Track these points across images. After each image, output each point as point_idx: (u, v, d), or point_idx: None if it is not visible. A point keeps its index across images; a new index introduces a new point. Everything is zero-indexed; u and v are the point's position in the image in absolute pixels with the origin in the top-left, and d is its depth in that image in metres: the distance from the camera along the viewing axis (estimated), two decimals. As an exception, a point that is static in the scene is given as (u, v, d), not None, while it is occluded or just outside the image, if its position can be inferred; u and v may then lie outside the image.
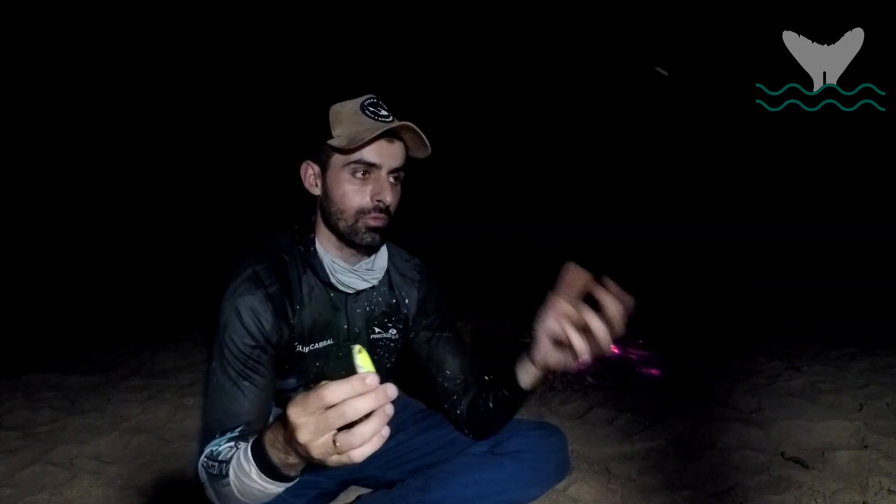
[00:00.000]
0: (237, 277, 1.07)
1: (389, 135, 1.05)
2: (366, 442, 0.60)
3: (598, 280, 0.90)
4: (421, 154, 1.10)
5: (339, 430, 0.62)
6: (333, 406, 0.61)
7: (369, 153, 1.04)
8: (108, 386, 2.20)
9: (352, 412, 0.60)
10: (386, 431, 0.61)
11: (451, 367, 1.24)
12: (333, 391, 0.60)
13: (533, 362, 1.04)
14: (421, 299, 1.26)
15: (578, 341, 0.86)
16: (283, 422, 0.68)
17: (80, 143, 5.31)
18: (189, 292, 3.83)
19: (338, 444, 0.62)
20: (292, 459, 0.73)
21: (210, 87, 5.56)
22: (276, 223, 1.23)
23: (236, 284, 1.06)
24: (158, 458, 1.60)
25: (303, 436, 0.63)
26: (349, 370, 0.65)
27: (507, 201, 5.51)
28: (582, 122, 5.71)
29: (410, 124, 1.02)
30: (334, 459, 0.64)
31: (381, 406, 0.60)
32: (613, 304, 0.86)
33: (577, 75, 5.79)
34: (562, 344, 0.94)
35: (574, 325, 0.87)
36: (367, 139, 1.00)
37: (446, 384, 1.23)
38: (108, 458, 1.60)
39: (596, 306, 0.86)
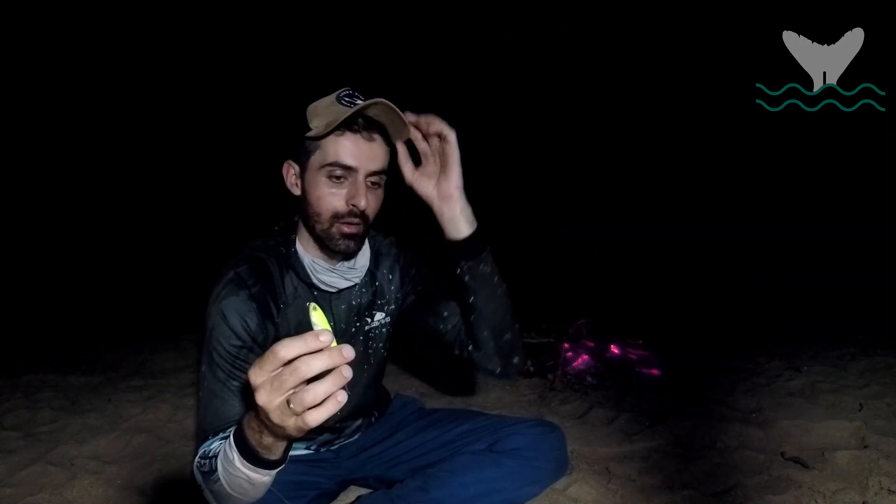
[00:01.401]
0: (220, 281, 1.08)
1: (366, 129, 1.03)
2: (319, 401, 0.59)
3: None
4: (406, 135, 1.08)
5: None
6: (288, 364, 0.60)
7: (346, 155, 1.02)
8: (108, 386, 2.20)
9: (305, 369, 0.59)
10: (343, 396, 0.59)
11: (447, 308, 1.20)
12: (286, 346, 0.59)
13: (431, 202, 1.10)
14: (402, 274, 1.26)
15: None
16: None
17: (80, 143, 5.31)
18: (189, 292, 3.82)
19: (291, 404, 0.61)
20: (266, 438, 0.72)
21: (209, 86, 5.56)
22: (265, 224, 1.23)
23: (219, 288, 1.07)
24: (158, 458, 1.61)
25: (261, 397, 0.63)
26: None
27: (504, 200, 5.51)
28: (580, 121, 5.71)
29: (381, 100, 0.98)
30: (291, 423, 0.63)
31: (337, 366, 0.59)
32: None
33: (575, 75, 5.79)
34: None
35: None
36: (341, 119, 0.98)
37: (450, 327, 1.19)
38: (108, 458, 1.60)
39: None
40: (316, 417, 0.60)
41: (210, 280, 1.11)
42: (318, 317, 0.64)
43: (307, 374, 0.59)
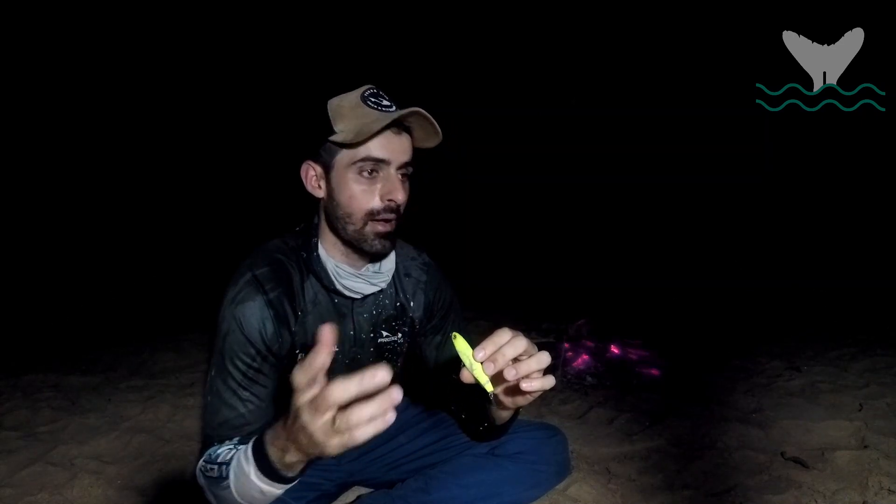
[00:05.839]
0: (237, 283, 1.02)
1: (397, 125, 0.97)
2: (365, 421, 0.61)
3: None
4: (431, 143, 1.02)
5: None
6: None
7: (377, 149, 0.96)
8: (108, 386, 2.20)
9: (340, 394, 0.61)
10: (392, 416, 0.61)
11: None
12: (343, 388, 0.61)
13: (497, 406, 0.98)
14: (428, 303, 1.19)
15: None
16: (286, 415, 0.69)
17: (80, 142, 5.31)
18: (189, 292, 3.83)
19: (337, 422, 0.62)
20: (291, 457, 0.73)
21: (208, 86, 5.56)
22: (277, 224, 1.20)
23: (236, 291, 1.01)
24: (158, 458, 1.60)
25: (304, 416, 0.65)
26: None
27: (506, 200, 5.52)
28: (582, 121, 5.71)
29: (419, 109, 0.94)
30: (335, 442, 0.64)
31: (385, 408, 0.61)
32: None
33: (577, 76, 5.79)
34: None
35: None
36: (375, 130, 0.92)
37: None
38: (108, 458, 1.60)
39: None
40: (366, 432, 0.61)
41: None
42: (461, 343, 0.63)
43: (342, 401, 0.61)
